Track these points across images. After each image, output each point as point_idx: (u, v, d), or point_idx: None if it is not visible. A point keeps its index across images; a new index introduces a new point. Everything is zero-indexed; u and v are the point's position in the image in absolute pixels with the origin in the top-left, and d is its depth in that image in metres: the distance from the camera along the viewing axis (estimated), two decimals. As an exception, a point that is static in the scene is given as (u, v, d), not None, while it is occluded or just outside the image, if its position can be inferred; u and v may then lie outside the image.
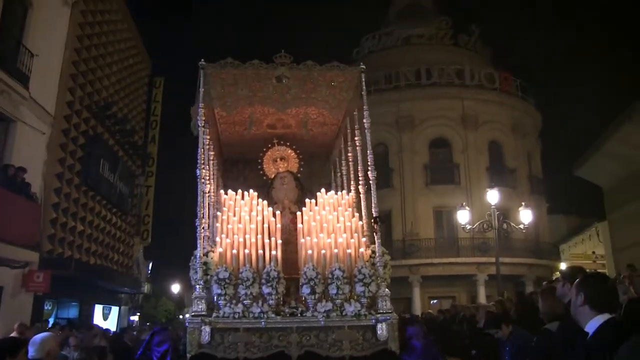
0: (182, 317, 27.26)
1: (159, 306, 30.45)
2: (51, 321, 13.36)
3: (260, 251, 5.58)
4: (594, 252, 22.29)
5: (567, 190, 30.09)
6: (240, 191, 6.76)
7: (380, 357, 5.27)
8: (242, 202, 6.54)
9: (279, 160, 7.53)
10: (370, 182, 5.95)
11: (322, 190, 6.92)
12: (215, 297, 5.33)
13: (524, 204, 16.55)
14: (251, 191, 6.77)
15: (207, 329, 5.11)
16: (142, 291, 26.49)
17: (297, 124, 7.34)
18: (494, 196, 15.47)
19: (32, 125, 13.28)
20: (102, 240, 18.09)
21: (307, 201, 6.59)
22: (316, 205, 6.45)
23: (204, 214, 5.85)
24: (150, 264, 30.80)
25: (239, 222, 5.97)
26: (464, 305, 15.16)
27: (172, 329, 7.45)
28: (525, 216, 15.86)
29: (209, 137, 6.30)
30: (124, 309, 22.51)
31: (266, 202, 6.47)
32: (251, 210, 6.30)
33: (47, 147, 14.14)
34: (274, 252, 5.55)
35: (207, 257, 5.50)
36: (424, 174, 25.54)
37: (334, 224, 6.09)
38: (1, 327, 10.19)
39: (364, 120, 6.09)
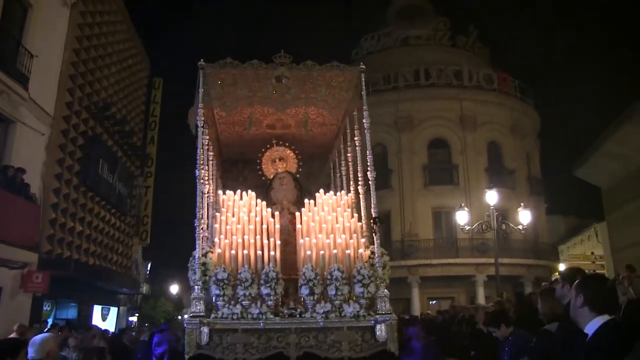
0: (180, 317, 27.19)
1: (157, 307, 30.41)
2: (50, 322, 13.32)
3: (259, 252, 5.57)
4: (593, 253, 22.29)
5: (566, 190, 30.03)
6: (239, 192, 6.76)
7: (379, 358, 5.26)
8: (240, 202, 6.53)
9: (277, 160, 7.52)
10: (369, 182, 5.94)
11: (321, 190, 6.92)
12: (213, 297, 5.32)
13: (522, 204, 16.57)
14: (250, 191, 6.77)
15: (206, 329, 5.11)
16: (141, 292, 26.44)
17: (296, 124, 7.34)
18: (492, 197, 15.45)
19: (32, 126, 13.27)
20: (101, 240, 18.07)
21: (306, 202, 6.59)
22: (315, 205, 6.45)
23: (202, 214, 5.84)
24: (149, 265, 30.72)
25: (238, 223, 5.96)
26: (463, 306, 15.12)
27: (171, 330, 7.45)
28: (524, 217, 15.86)
29: (208, 137, 6.30)
30: (123, 310, 22.47)
31: (265, 203, 6.46)
32: (250, 210, 6.30)
33: (46, 148, 14.12)
34: (272, 252, 5.54)
35: (205, 257, 5.49)
36: (422, 175, 25.51)
37: (332, 224, 6.08)
38: (0, 327, 10.17)
39: (364, 120, 6.09)
